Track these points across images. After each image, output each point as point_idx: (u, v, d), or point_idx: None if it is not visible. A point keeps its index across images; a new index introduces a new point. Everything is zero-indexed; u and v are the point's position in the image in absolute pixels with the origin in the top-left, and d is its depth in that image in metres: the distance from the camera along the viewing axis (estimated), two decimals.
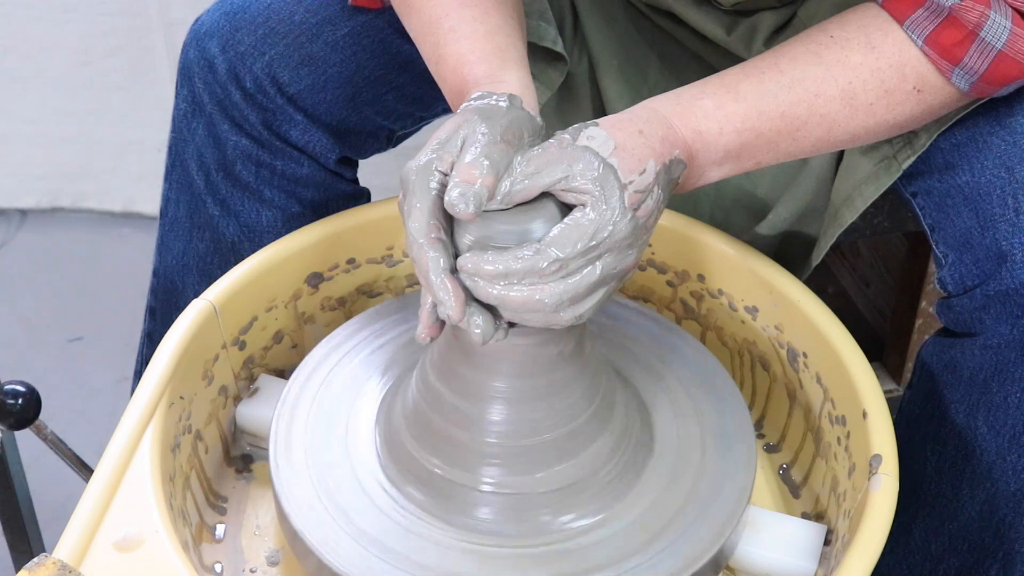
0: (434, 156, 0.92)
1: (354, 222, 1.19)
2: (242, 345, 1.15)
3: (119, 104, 2.14)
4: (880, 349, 1.66)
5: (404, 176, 0.93)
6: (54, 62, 2.10)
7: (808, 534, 1.04)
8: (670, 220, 1.18)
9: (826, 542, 1.04)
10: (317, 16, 1.22)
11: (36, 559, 0.89)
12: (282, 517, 1.00)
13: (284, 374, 1.18)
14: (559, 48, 1.19)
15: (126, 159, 2.18)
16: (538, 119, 0.96)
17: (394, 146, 1.33)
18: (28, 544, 1.37)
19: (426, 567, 0.95)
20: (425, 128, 1.35)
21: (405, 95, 1.27)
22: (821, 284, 1.79)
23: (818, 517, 1.11)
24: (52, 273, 2.11)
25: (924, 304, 1.54)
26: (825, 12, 1.13)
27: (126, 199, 2.21)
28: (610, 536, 0.98)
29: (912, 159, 1.11)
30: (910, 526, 1.15)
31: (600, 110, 1.28)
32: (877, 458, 1.00)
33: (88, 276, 2.10)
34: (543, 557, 0.96)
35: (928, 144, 1.10)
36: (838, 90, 1.01)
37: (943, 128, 1.10)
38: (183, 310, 1.09)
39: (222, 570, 1.05)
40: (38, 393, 1.27)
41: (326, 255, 1.19)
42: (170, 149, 1.28)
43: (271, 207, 1.25)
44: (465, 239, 0.91)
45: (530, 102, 1.01)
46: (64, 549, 0.91)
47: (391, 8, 1.15)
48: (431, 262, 0.90)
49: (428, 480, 0.99)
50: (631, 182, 0.91)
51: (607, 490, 1.00)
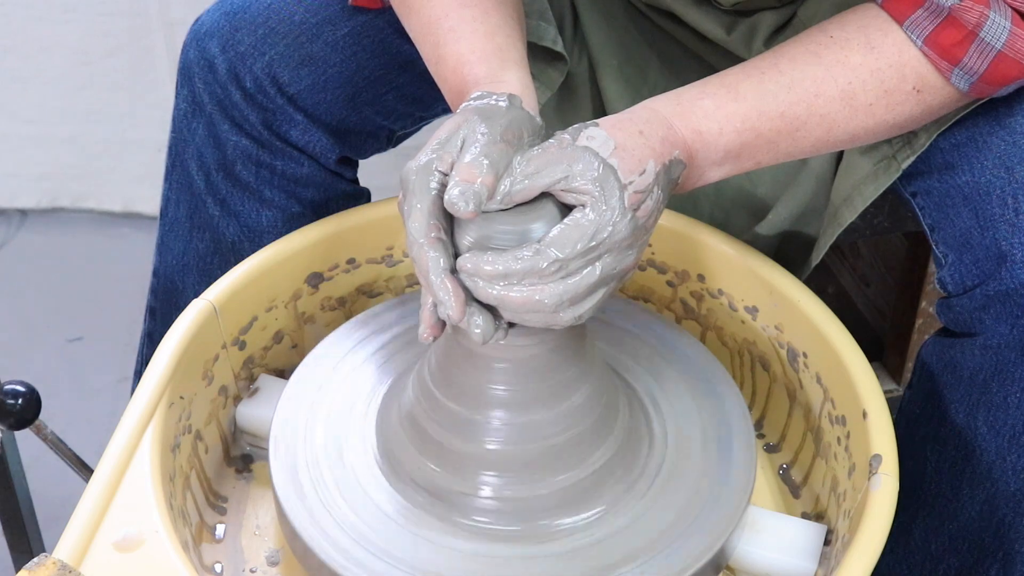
0: (434, 156, 0.92)
1: (354, 222, 1.19)
2: (242, 345, 1.15)
3: (119, 104, 2.13)
4: (880, 349, 1.66)
5: (404, 176, 0.93)
6: (54, 62, 2.10)
7: (808, 534, 1.04)
8: (670, 220, 1.18)
9: (826, 542, 1.04)
10: (317, 16, 1.22)
11: (36, 559, 0.89)
12: (282, 517, 1.00)
13: (284, 374, 1.18)
14: (559, 48, 1.19)
15: (126, 159, 2.18)
16: (538, 119, 0.96)
17: (394, 146, 1.33)
18: (28, 544, 1.37)
19: (426, 567, 0.95)
20: (425, 128, 1.34)
21: (405, 95, 1.27)
22: (821, 284, 1.79)
23: (818, 517, 1.11)
24: (52, 273, 2.11)
25: (924, 304, 1.54)
26: (825, 12, 1.13)
27: (126, 199, 2.21)
28: (610, 536, 0.98)
29: (911, 159, 1.11)
30: (910, 526, 1.15)
31: (600, 110, 1.28)
32: (877, 458, 0.99)
33: (88, 276, 2.10)
34: (543, 558, 0.96)
35: (928, 144, 1.10)
36: (838, 90, 1.01)
37: (943, 128, 1.10)
38: (183, 310, 1.09)
39: (222, 570, 1.05)
40: (38, 393, 1.27)
41: (326, 255, 1.19)
42: (170, 149, 1.28)
43: (271, 207, 1.25)
44: (465, 239, 0.91)
45: (530, 102, 1.01)
46: (64, 549, 0.91)
47: (391, 8, 1.15)
48: (431, 262, 0.90)
49: (427, 483, 0.99)
50: (631, 182, 0.91)
51: (607, 491, 1.00)
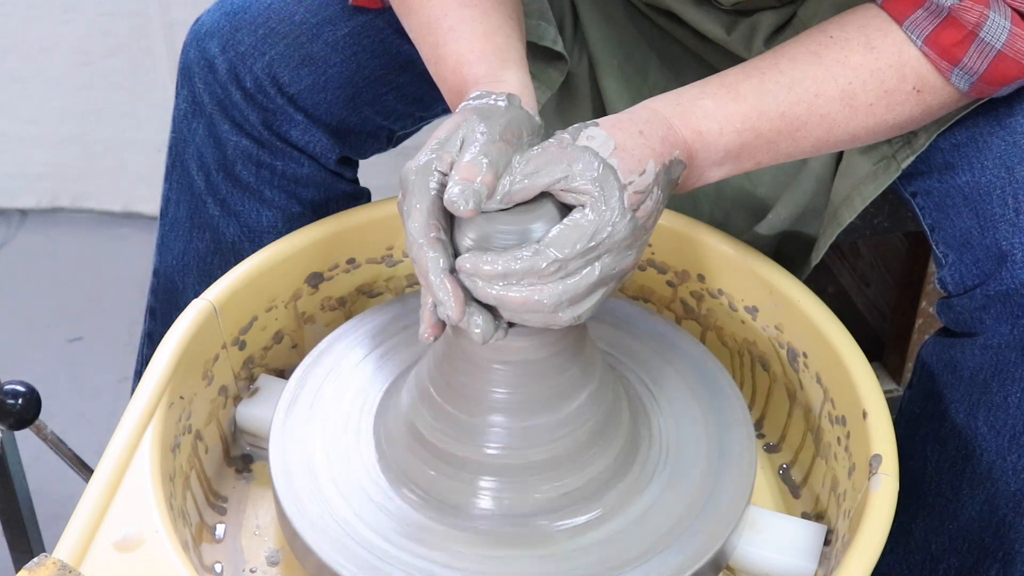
0: (433, 156, 0.92)
1: (354, 222, 1.19)
2: (242, 345, 1.15)
3: (119, 104, 2.13)
4: (880, 349, 1.66)
5: (404, 176, 0.93)
6: (54, 62, 2.10)
7: (808, 534, 1.04)
8: (670, 220, 1.18)
9: (826, 542, 1.04)
10: (317, 16, 1.22)
11: (36, 559, 0.88)
12: (282, 517, 1.00)
13: (284, 374, 1.18)
14: (559, 48, 1.19)
15: (126, 159, 2.18)
16: (537, 118, 0.96)
17: (394, 146, 1.33)
18: (28, 544, 1.37)
19: (425, 568, 0.95)
20: (425, 128, 1.34)
21: (405, 95, 1.27)
22: (821, 284, 1.79)
23: (818, 517, 1.11)
24: (52, 273, 2.11)
25: (924, 304, 1.54)
26: (825, 12, 1.13)
27: (126, 199, 2.21)
28: (610, 537, 0.98)
29: (911, 159, 1.11)
30: (910, 526, 1.15)
31: (600, 110, 1.28)
32: (877, 458, 0.99)
33: (88, 276, 2.10)
34: (543, 558, 0.96)
35: (927, 144, 1.10)
36: (838, 90, 1.01)
37: (943, 128, 1.10)
38: (183, 310, 1.09)
39: (222, 570, 1.05)
40: (38, 393, 1.27)
41: (326, 255, 1.19)
42: (170, 149, 1.28)
43: (271, 207, 1.25)
44: (465, 239, 0.91)
45: (529, 102, 1.01)
46: (64, 549, 0.91)
47: (391, 8, 1.15)
48: (431, 262, 0.90)
49: (426, 486, 0.99)
50: (631, 183, 0.91)
51: (607, 492, 1.00)
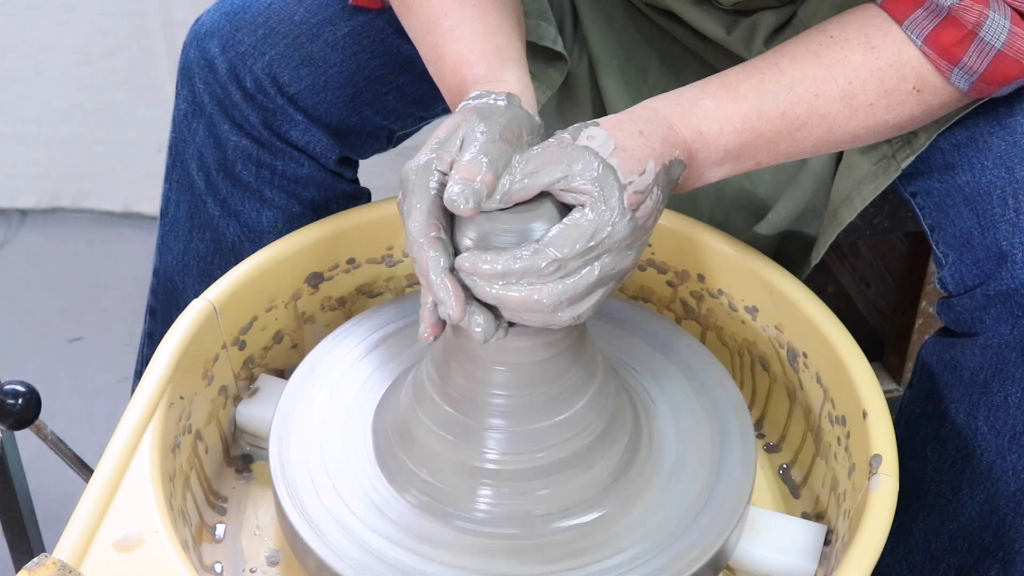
0: (433, 156, 0.92)
1: (354, 222, 1.19)
2: (242, 345, 1.15)
3: (119, 104, 2.13)
4: (880, 349, 1.66)
5: (403, 176, 0.93)
6: (54, 62, 2.10)
7: (808, 534, 1.04)
8: (670, 220, 1.18)
9: (826, 542, 1.04)
10: (317, 16, 1.22)
11: (36, 559, 0.88)
12: (282, 517, 1.00)
13: (284, 374, 1.18)
14: (559, 47, 1.19)
15: (126, 159, 2.18)
16: (536, 118, 0.96)
17: (394, 146, 1.33)
18: (28, 544, 1.37)
19: (424, 568, 0.95)
20: (425, 128, 1.34)
21: (405, 95, 1.27)
22: (821, 284, 1.79)
23: (818, 517, 1.11)
24: (52, 273, 2.11)
25: (924, 304, 1.54)
26: (825, 12, 1.13)
27: (126, 199, 2.21)
28: (610, 536, 0.98)
29: (911, 159, 1.11)
30: (910, 526, 1.15)
31: (600, 110, 1.28)
32: (877, 458, 0.99)
33: (88, 276, 2.10)
34: (543, 558, 0.96)
35: (927, 144, 1.10)
36: (838, 90, 1.01)
37: (943, 128, 1.10)
38: (183, 310, 1.09)
39: (222, 570, 1.05)
40: (38, 393, 1.27)
41: (326, 255, 1.19)
42: (170, 149, 1.28)
43: (271, 207, 1.25)
44: (465, 239, 0.91)
45: (529, 101, 1.01)
46: (64, 549, 0.91)
47: (391, 8, 1.15)
48: (431, 261, 0.90)
49: (424, 488, 0.99)
50: (631, 182, 0.91)
51: (607, 492, 0.99)
